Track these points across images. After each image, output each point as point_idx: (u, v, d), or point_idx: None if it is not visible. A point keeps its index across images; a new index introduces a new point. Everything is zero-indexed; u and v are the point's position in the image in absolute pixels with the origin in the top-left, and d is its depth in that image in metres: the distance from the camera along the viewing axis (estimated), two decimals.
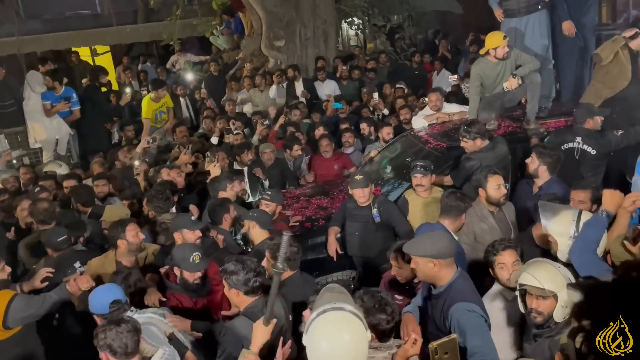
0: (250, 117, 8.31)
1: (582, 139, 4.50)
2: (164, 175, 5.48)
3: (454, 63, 10.37)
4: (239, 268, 2.87)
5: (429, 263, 2.81)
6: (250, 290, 2.87)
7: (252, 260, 2.98)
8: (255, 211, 4.28)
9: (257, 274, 2.88)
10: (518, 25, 5.63)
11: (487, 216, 3.96)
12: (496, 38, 5.15)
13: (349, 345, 2.08)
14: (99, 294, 3.05)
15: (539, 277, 2.56)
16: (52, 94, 7.62)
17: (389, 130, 6.36)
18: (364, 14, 10.79)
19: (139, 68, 12.01)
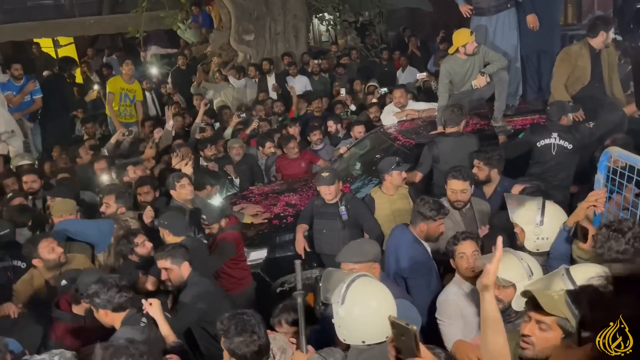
0: (218, 111, 8.19)
1: (558, 135, 4.55)
2: (129, 173, 5.31)
3: (422, 60, 10.45)
4: (100, 287, 2.86)
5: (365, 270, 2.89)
6: (118, 307, 2.88)
7: (113, 277, 2.99)
8: (166, 218, 4.01)
9: (120, 289, 2.88)
10: (487, 24, 5.67)
11: (454, 214, 3.96)
12: (464, 35, 5.17)
13: (389, 307, 2.29)
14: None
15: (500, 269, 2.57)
16: (13, 83, 7.32)
17: (360, 129, 6.34)
18: (334, 10, 10.74)
19: (104, 61, 11.68)
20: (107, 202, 4.52)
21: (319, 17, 11.38)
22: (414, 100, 6.38)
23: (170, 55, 11.32)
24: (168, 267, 3.37)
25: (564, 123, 4.61)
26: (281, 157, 6.28)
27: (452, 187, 3.94)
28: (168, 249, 3.43)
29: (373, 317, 2.24)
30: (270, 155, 6.46)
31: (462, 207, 3.97)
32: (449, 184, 3.96)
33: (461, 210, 3.99)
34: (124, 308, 2.88)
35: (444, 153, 4.60)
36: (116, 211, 4.45)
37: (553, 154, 4.57)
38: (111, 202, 4.49)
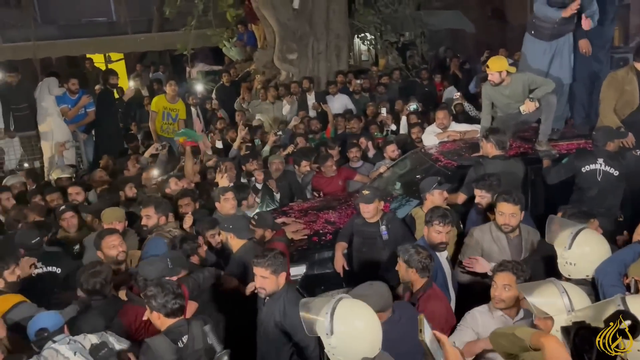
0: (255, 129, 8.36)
1: (604, 161, 4.47)
2: (172, 185, 5.47)
3: (464, 81, 10.42)
4: (158, 291, 2.96)
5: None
6: (170, 313, 2.96)
7: (172, 284, 3.07)
8: (230, 222, 4.16)
9: (176, 296, 2.97)
10: (546, 47, 5.62)
11: (500, 239, 3.91)
12: (491, 63, 5.20)
13: (374, 318, 2.31)
14: (35, 319, 3.01)
15: (537, 299, 2.55)
16: (68, 97, 7.68)
17: (393, 148, 6.36)
18: (376, 30, 10.84)
19: (150, 77, 12.12)
20: (147, 214, 4.53)
21: (361, 37, 11.51)
22: (455, 122, 6.37)
23: (215, 72, 11.63)
24: (266, 276, 3.26)
25: (610, 149, 4.52)
26: (318, 176, 6.34)
27: (501, 210, 3.88)
28: (269, 256, 3.28)
29: (365, 335, 2.25)
30: (306, 173, 6.54)
31: (510, 231, 3.91)
32: (498, 207, 3.90)
33: (509, 235, 3.93)
34: (175, 315, 2.98)
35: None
36: (157, 222, 4.51)
37: (598, 180, 4.48)
38: (151, 214, 4.52)
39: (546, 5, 5.35)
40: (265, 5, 9.39)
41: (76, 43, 12.99)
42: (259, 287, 3.31)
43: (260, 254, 3.33)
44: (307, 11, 9.69)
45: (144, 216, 4.56)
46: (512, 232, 3.92)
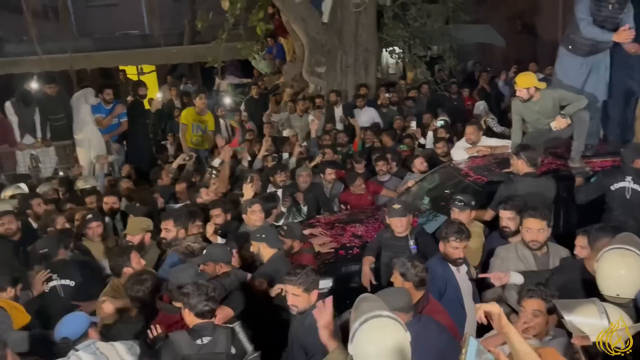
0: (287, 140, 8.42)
1: (632, 178, 4.36)
2: (203, 195, 5.55)
3: (492, 96, 10.33)
4: (192, 290, 3.10)
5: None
6: (200, 313, 3.08)
7: (207, 286, 3.19)
8: (262, 231, 4.20)
9: (208, 299, 3.09)
10: (582, 63, 5.54)
11: (527, 257, 3.84)
12: (519, 80, 5.13)
13: (392, 346, 2.24)
14: (61, 322, 3.12)
15: (576, 318, 2.50)
16: (103, 106, 7.89)
17: (421, 161, 6.33)
18: (405, 44, 10.85)
19: (181, 88, 12.35)
20: (166, 228, 4.57)
21: (389, 51, 11.53)
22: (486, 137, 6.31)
23: (244, 85, 11.79)
24: (298, 294, 3.22)
25: (638, 166, 4.42)
26: (347, 193, 6.35)
27: (528, 226, 3.82)
28: (301, 274, 3.23)
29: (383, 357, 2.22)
30: (331, 182, 6.54)
31: (538, 248, 3.83)
32: (525, 223, 3.85)
33: (536, 252, 3.85)
34: (204, 316, 3.08)
35: (522, 194, 4.45)
36: (177, 235, 4.54)
37: (627, 197, 4.38)
38: (170, 227, 4.56)
39: (594, 26, 5.25)
40: (295, 19, 9.50)
41: (110, 55, 13.36)
42: (290, 305, 3.27)
43: (292, 271, 3.28)
44: (336, 25, 9.77)
45: (163, 229, 4.61)
46: (539, 249, 3.84)
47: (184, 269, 3.56)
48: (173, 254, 4.22)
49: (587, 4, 5.26)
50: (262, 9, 10.71)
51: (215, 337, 3.04)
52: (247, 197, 5.20)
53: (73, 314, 3.22)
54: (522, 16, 15.34)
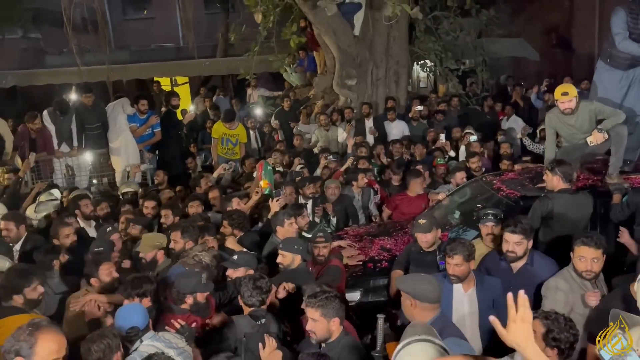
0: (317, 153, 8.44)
1: None
2: (234, 204, 5.58)
3: (526, 110, 10.16)
4: (245, 283, 3.47)
5: (407, 300, 3.04)
6: (251, 304, 3.46)
7: (261, 281, 3.47)
8: (297, 243, 4.19)
9: (260, 292, 3.46)
10: (622, 76, 5.44)
11: (586, 285, 3.52)
12: (557, 91, 5.01)
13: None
14: (123, 313, 3.16)
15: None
16: (137, 116, 8.08)
17: (462, 175, 6.24)
18: (436, 57, 10.80)
19: (214, 100, 12.55)
20: (174, 239, 4.51)
21: (421, 64, 11.48)
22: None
23: (275, 97, 11.90)
24: (316, 318, 3.02)
25: None
26: (402, 194, 6.30)
27: (582, 255, 3.47)
28: (320, 297, 3.04)
29: None
30: (363, 187, 6.49)
31: (593, 278, 3.51)
32: (577, 251, 3.50)
33: (593, 282, 3.55)
34: (254, 305, 3.45)
35: (559, 211, 4.32)
36: (184, 247, 4.45)
37: None
38: (178, 239, 4.49)
39: (630, 41, 5.14)
40: (326, 32, 9.56)
41: (146, 67, 13.69)
42: (309, 330, 3.08)
43: (312, 293, 3.10)
44: (367, 38, 9.79)
45: (172, 240, 4.56)
46: (594, 279, 3.53)
47: (190, 276, 3.63)
48: (178, 266, 4.13)
49: (623, 18, 5.16)
50: (295, 22, 10.83)
51: (269, 319, 3.44)
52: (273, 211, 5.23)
53: (132, 305, 3.26)
54: (556, 30, 15.10)
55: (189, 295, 3.53)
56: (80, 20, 13.55)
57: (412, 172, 6.35)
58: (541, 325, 2.71)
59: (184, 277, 3.61)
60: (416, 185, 6.15)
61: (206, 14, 17.71)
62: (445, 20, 10.78)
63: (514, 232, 3.76)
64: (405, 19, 9.67)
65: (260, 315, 3.41)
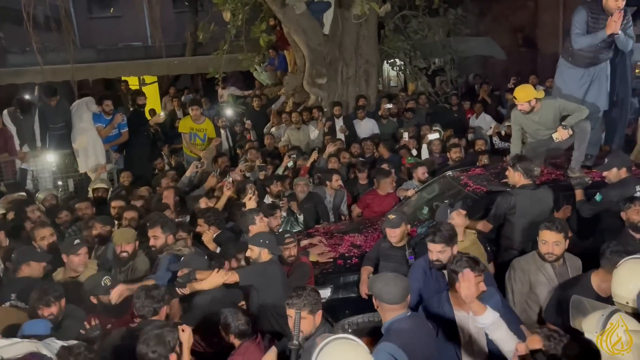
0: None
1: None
2: (202, 204, 5.51)
3: (493, 107, 10.34)
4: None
5: (374, 300, 3.09)
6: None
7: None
8: (264, 237, 4.13)
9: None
10: (583, 74, 5.57)
11: (546, 268, 3.75)
12: (518, 94, 5.15)
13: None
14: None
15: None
16: (103, 117, 7.90)
17: (423, 171, 6.36)
18: (406, 56, 10.89)
19: (182, 99, 12.39)
20: (154, 235, 4.46)
21: (390, 63, 11.55)
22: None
23: (246, 96, 11.81)
24: (304, 316, 3.05)
25: (609, 175, 4.52)
26: (373, 193, 6.32)
27: (544, 238, 3.72)
28: (304, 295, 3.07)
29: None
30: (337, 188, 6.49)
31: (555, 260, 3.74)
32: (541, 235, 3.74)
33: (554, 264, 3.75)
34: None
35: (520, 206, 4.43)
36: (166, 241, 4.45)
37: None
38: (158, 234, 4.45)
39: (584, 36, 5.28)
40: (296, 31, 9.54)
41: (112, 66, 13.39)
42: (301, 331, 3.01)
43: (294, 294, 3.09)
44: (337, 36, 9.80)
45: (151, 237, 4.50)
46: (556, 261, 3.75)
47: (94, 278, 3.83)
48: (167, 257, 4.18)
49: (584, 17, 5.30)
50: (264, 21, 10.76)
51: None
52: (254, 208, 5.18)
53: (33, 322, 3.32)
54: (522, 29, 15.42)
55: (93, 297, 3.75)
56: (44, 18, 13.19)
57: (381, 172, 6.40)
58: (539, 342, 2.62)
59: (88, 280, 3.84)
60: (386, 184, 6.20)
61: (174, 12, 17.51)
62: (414, 19, 10.87)
63: (433, 241, 3.66)
64: (374, 17, 9.72)
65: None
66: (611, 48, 5.43)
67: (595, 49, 5.36)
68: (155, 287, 3.49)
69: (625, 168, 4.48)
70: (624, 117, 5.92)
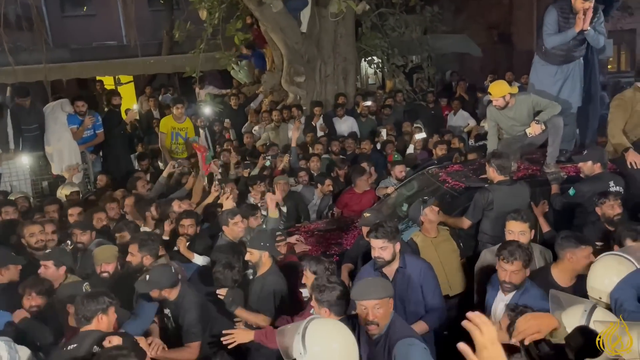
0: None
1: (614, 182, 4.47)
2: (174, 207, 5.44)
3: (471, 104, 10.46)
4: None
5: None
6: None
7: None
8: (264, 239, 4.06)
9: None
10: (557, 71, 5.66)
11: None
12: (493, 90, 5.23)
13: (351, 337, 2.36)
14: None
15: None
16: (77, 118, 7.75)
17: (401, 169, 6.39)
18: (383, 54, 10.93)
19: (159, 99, 12.25)
20: (131, 252, 4.29)
21: (368, 61, 11.59)
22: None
23: (224, 95, 11.73)
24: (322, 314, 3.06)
25: (584, 168, 4.60)
26: (350, 192, 6.32)
27: (511, 229, 3.86)
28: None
29: (340, 353, 2.28)
30: (328, 193, 6.50)
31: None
32: (508, 226, 3.88)
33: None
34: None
35: (497, 202, 4.49)
36: (141, 261, 4.24)
37: None
38: (134, 252, 4.27)
39: (554, 35, 5.38)
40: (273, 29, 9.49)
41: (87, 65, 13.14)
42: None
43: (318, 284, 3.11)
44: (314, 35, 9.79)
45: (129, 252, 4.33)
46: None
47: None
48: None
49: (554, 17, 5.40)
50: (241, 19, 10.69)
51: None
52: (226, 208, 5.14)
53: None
54: (497, 26, 15.64)
55: (70, 305, 3.53)
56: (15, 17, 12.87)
57: (356, 170, 6.42)
58: (506, 318, 2.76)
59: (64, 288, 3.76)
60: (362, 182, 6.21)
61: (150, 10, 17.24)
62: (391, 17, 10.92)
63: (376, 237, 3.57)
64: (352, 15, 9.73)
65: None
66: (584, 45, 5.53)
67: (568, 47, 5.46)
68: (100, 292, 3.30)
69: (599, 164, 4.56)
70: (596, 112, 6.04)
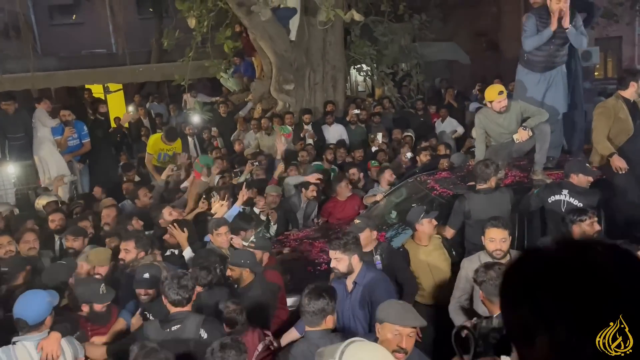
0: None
1: (568, 192, 4.45)
2: (165, 215, 5.40)
3: (459, 111, 10.52)
4: (169, 281, 3.26)
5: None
6: (173, 302, 3.23)
7: (184, 277, 3.31)
8: (244, 256, 4.05)
9: (180, 288, 3.22)
10: (540, 78, 5.70)
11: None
12: (493, 92, 5.21)
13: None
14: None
15: None
16: (63, 128, 7.69)
17: (390, 173, 6.40)
18: (372, 61, 10.97)
19: (147, 107, 12.22)
20: (126, 248, 4.36)
21: (357, 68, 11.64)
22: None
23: (213, 103, 11.71)
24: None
25: (574, 181, 4.50)
26: (333, 200, 6.30)
27: (491, 236, 3.85)
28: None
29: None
30: (312, 198, 6.49)
31: (502, 257, 3.82)
32: (487, 233, 3.87)
33: (500, 261, 3.83)
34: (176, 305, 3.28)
35: (475, 209, 4.51)
36: (136, 257, 4.33)
37: (562, 210, 4.43)
38: (130, 248, 4.34)
39: (531, 38, 5.45)
40: (262, 37, 9.50)
41: (75, 74, 13.07)
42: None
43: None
44: (303, 43, 9.81)
45: (122, 250, 4.40)
46: (503, 258, 3.84)
47: (87, 284, 3.77)
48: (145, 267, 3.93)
49: (533, 22, 5.46)
50: (230, 27, 10.69)
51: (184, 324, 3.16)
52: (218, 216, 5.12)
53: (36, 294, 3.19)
54: (485, 34, 15.76)
55: (85, 304, 3.63)
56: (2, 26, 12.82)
57: (335, 178, 6.42)
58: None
59: (83, 285, 3.72)
60: (342, 189, 6.20)
61: (139, 19, 17.23)
62: (380, 25, 10.98)
63: (330, 247, 3.63)
64: (340, 23, 9.77)
65: (175, 318, 3.19)
66: (564, 51, 5.58)
67: (548, 52, 5.51)
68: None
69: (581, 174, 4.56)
70: (582, 119, 6.09)
